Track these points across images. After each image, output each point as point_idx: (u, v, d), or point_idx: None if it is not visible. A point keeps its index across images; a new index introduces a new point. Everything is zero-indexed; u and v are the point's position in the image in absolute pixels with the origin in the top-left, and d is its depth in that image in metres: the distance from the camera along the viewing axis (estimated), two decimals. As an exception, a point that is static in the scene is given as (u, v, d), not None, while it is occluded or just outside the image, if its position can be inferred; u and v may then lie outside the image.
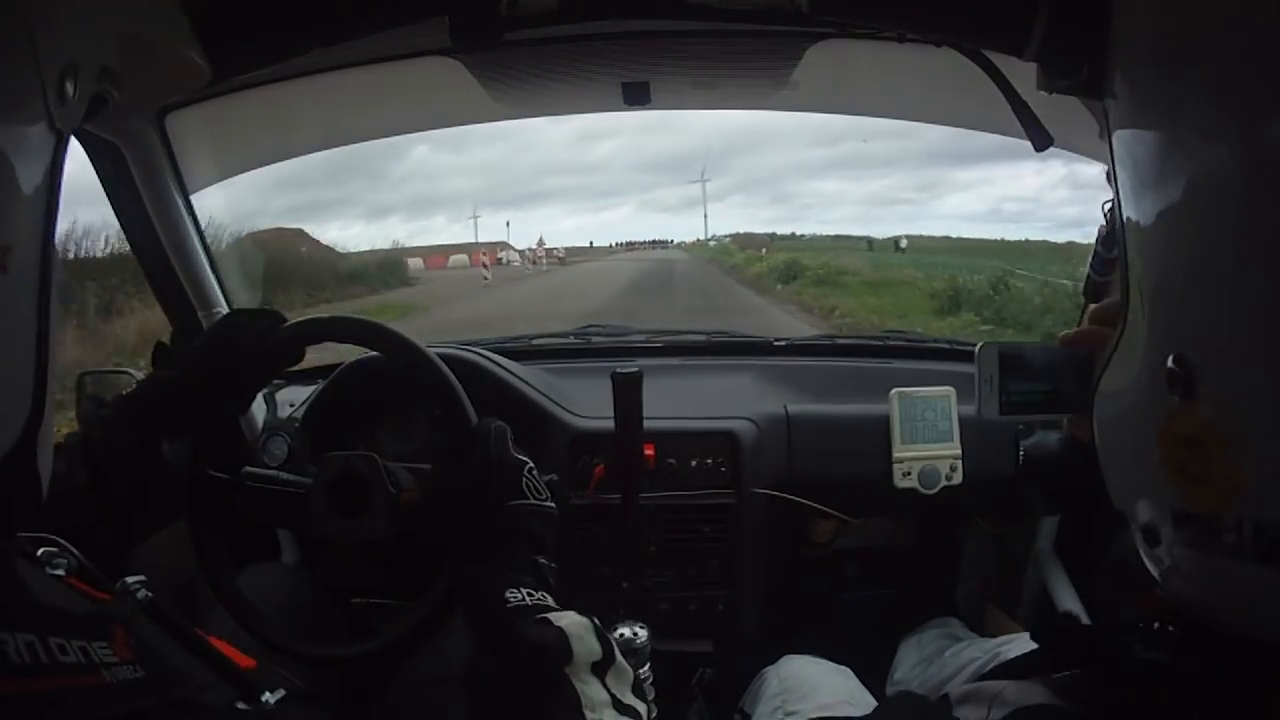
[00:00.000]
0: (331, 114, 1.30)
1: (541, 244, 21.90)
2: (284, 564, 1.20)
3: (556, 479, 1.01)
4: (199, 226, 1.12)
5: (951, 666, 0.92)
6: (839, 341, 1.49)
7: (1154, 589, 0.40)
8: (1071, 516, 1.27)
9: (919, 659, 1.13)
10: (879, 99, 1.35)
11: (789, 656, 0.96)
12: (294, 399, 1.22)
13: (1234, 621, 0.35)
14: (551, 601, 0.59)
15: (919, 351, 1.43)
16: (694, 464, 1.13)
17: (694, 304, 10.20)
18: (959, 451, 1.14)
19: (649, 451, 1.09)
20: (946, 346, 1.45)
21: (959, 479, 1.14)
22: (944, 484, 1.14)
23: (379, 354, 0.80)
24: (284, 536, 1.25)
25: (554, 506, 0.68)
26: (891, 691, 1.08)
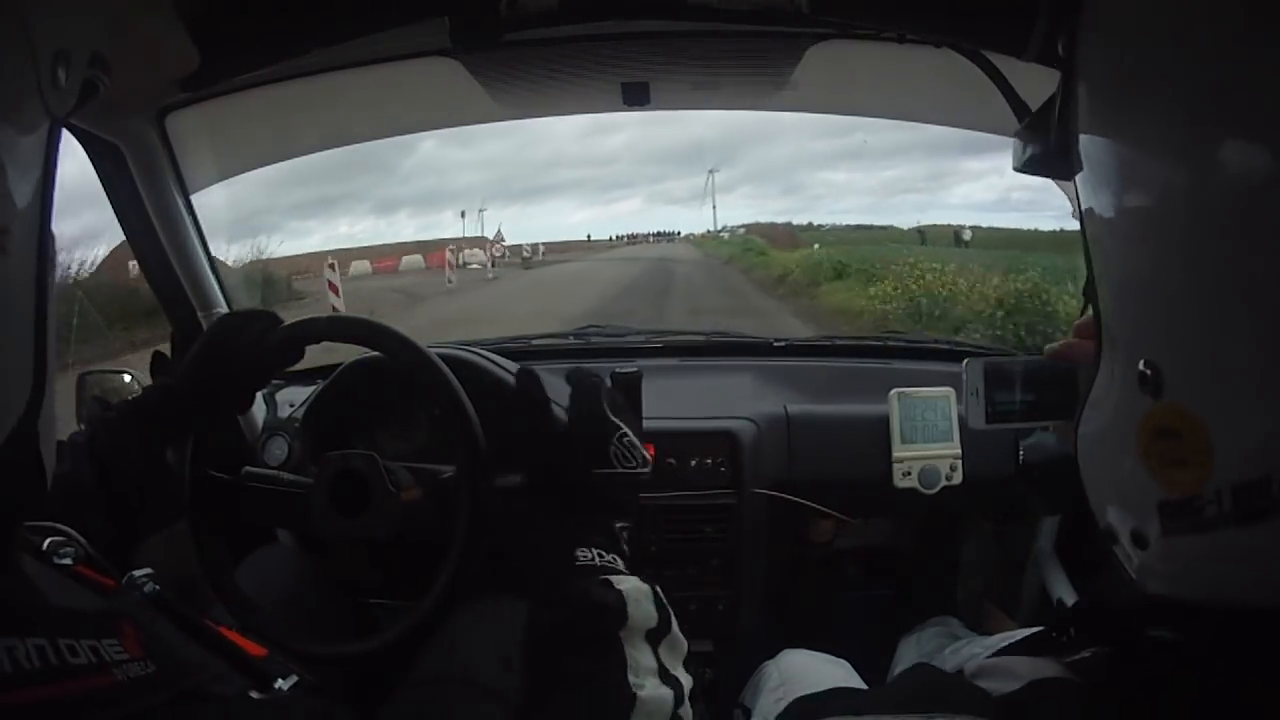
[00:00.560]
0: (332, 114, 1.30)
1: (499, 238, 16.84)
2: (285, 547, 1.19)
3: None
4: (199, 226, 1.12)
5: (952, 663, 0.92)
6: (839, 342, 1.49)
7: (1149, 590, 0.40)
8: (1071, 516, 1.27)
9: (919, 656, 1.13)
10: (879, 100, 1.35)
11: (788, 650, 0.96)
12: (294, 399, 1.22)
13: (1232, 595, 0.36)
14: (621, 565, 0.60)
15: (919, 351, 1.43)
16: (694, 464, 1.13)
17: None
18: (959, 451, 1.14)
19: (649, 451, 1.09)
20: (946, 346, 1.45)
21: (959, 479, 1.14)
22: (944, 484, 1.14)
23: (379, 354, 0.80)
24: (284, 537, 1.25)
25: (645, 471, 0.69)
26: None
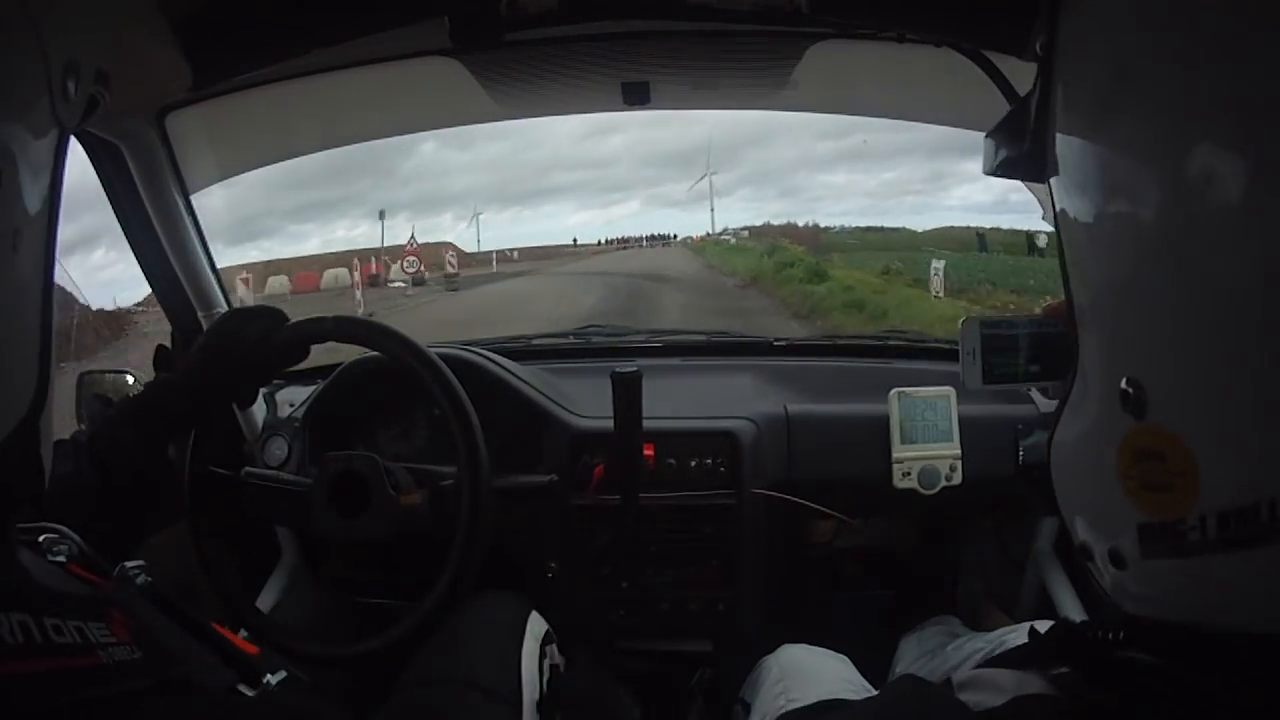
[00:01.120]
0: (332, 114, 1.30)
1: (412, 242, 12.92)
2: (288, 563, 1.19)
3: (556, 479, 1.01)
4: (199, 226, 1.12)
5: (954, 659, 0.91)
6: (839, 341, 1.49)
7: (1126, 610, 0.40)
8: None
9: (920, 653, 1.13)
10: (879, 99, 1.35)
11: (788, 645, 0.96)
12: (294, 399, 1.22)
13: (1214, 619, 0.36)
14: None
15: (919, 351, 1.42)
16: (694, 464, 1.13)
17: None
18: (959, 452, 1.14)
19: (649, 451, 1.09)
20: (946, 346, 1.44)
21: (959, 479, 1.14)
22: (944, 484, 1.14)
23: (379, 354, 0.81)
24: (284, 536, 1.25)
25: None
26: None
